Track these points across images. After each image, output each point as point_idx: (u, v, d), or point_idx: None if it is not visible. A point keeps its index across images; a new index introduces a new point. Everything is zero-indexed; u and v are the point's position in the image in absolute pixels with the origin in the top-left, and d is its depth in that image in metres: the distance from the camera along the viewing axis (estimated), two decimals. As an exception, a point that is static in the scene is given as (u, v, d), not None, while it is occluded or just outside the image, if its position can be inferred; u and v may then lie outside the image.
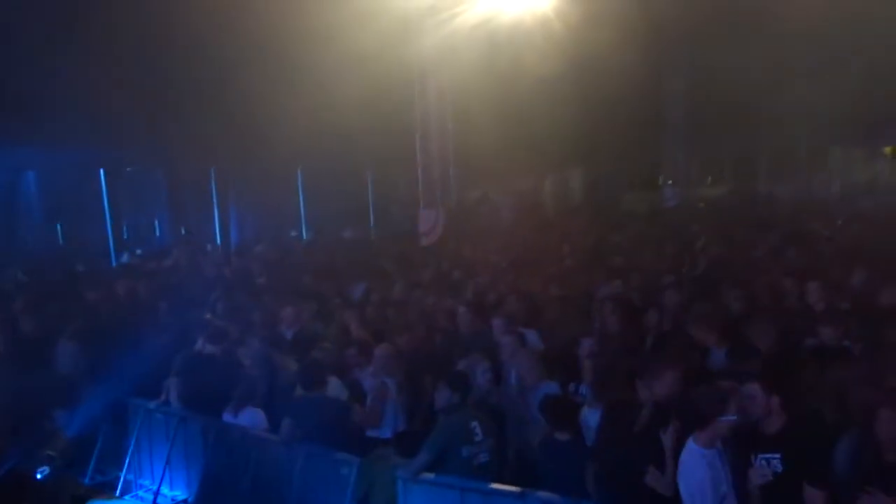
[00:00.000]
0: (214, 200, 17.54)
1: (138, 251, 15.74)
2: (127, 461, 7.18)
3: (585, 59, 14.74)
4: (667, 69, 20.29)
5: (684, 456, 4.20)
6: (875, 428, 3.91)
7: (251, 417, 6.48)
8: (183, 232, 17.64)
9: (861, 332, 5.72)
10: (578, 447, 5.08)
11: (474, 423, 5.30)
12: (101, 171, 15.82)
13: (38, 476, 5.30)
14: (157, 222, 17.94)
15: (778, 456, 4.16)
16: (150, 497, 6.99)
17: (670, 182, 21.19)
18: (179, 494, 6.95)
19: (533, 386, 5.86)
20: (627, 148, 20.86)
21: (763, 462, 4.20)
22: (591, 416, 5.23)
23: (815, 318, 6.21)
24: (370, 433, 6.21)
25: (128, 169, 16.94)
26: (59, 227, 16.24)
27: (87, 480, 7.15)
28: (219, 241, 17.06)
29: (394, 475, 5.43)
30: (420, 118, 13.14)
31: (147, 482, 7.15)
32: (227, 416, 6.58)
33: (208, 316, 8.53)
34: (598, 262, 10.34)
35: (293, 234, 18.98)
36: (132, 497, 7.13)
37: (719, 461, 4.16)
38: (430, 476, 5.26)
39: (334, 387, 6.32)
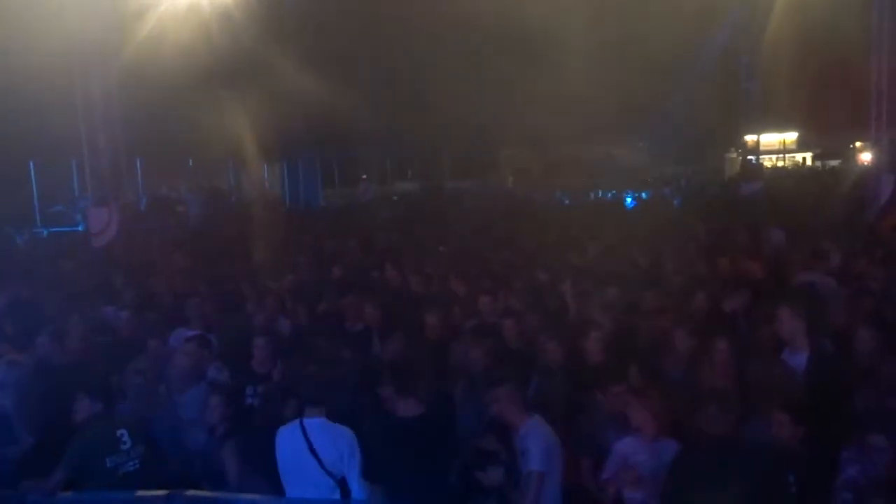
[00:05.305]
0: None
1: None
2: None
3: (271, 50, 14.59)
4: (364, 66, 20.87)
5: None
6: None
7: None
8: None
9: None
10: None
11: (122, 431, 5.00)
12: None
13: None
14: None
15: None
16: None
17: (365, 177, 21.99)
18: None
19: (179, 390, 5.71)
20: (325, 143, 21.16)
21: None
22: None
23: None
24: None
25: None
26: None
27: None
28: None
29: (22, 499, 4.85)
30: (82, 104, 11.66)
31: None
32: None
33: None
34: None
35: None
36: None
37: None
38: (67, 494, 4.80)
39: None
